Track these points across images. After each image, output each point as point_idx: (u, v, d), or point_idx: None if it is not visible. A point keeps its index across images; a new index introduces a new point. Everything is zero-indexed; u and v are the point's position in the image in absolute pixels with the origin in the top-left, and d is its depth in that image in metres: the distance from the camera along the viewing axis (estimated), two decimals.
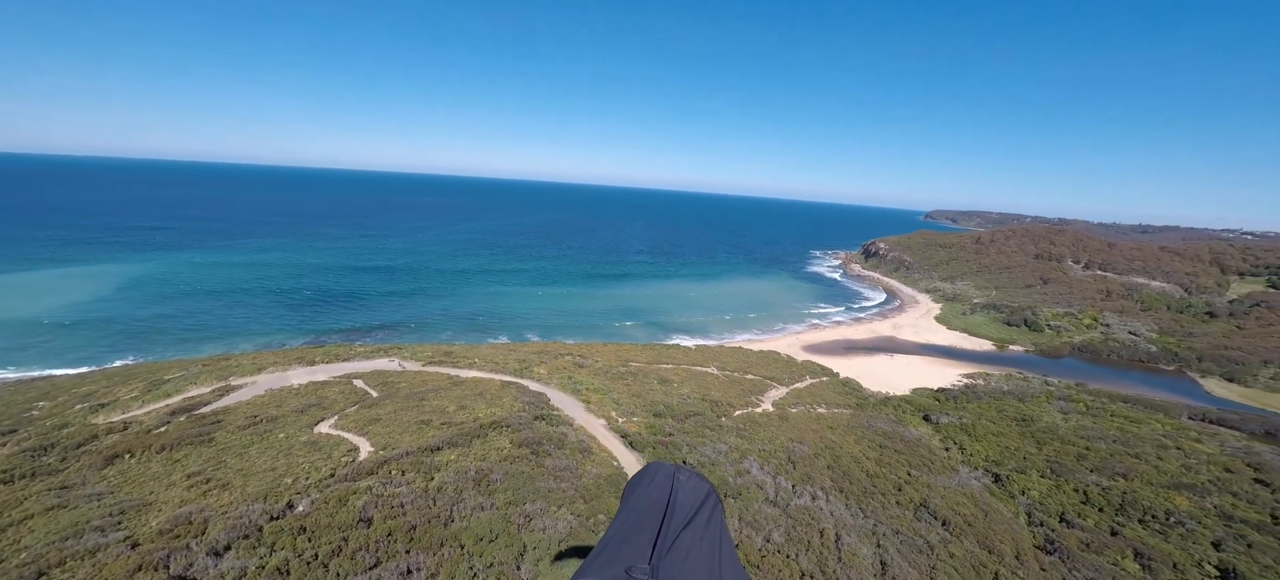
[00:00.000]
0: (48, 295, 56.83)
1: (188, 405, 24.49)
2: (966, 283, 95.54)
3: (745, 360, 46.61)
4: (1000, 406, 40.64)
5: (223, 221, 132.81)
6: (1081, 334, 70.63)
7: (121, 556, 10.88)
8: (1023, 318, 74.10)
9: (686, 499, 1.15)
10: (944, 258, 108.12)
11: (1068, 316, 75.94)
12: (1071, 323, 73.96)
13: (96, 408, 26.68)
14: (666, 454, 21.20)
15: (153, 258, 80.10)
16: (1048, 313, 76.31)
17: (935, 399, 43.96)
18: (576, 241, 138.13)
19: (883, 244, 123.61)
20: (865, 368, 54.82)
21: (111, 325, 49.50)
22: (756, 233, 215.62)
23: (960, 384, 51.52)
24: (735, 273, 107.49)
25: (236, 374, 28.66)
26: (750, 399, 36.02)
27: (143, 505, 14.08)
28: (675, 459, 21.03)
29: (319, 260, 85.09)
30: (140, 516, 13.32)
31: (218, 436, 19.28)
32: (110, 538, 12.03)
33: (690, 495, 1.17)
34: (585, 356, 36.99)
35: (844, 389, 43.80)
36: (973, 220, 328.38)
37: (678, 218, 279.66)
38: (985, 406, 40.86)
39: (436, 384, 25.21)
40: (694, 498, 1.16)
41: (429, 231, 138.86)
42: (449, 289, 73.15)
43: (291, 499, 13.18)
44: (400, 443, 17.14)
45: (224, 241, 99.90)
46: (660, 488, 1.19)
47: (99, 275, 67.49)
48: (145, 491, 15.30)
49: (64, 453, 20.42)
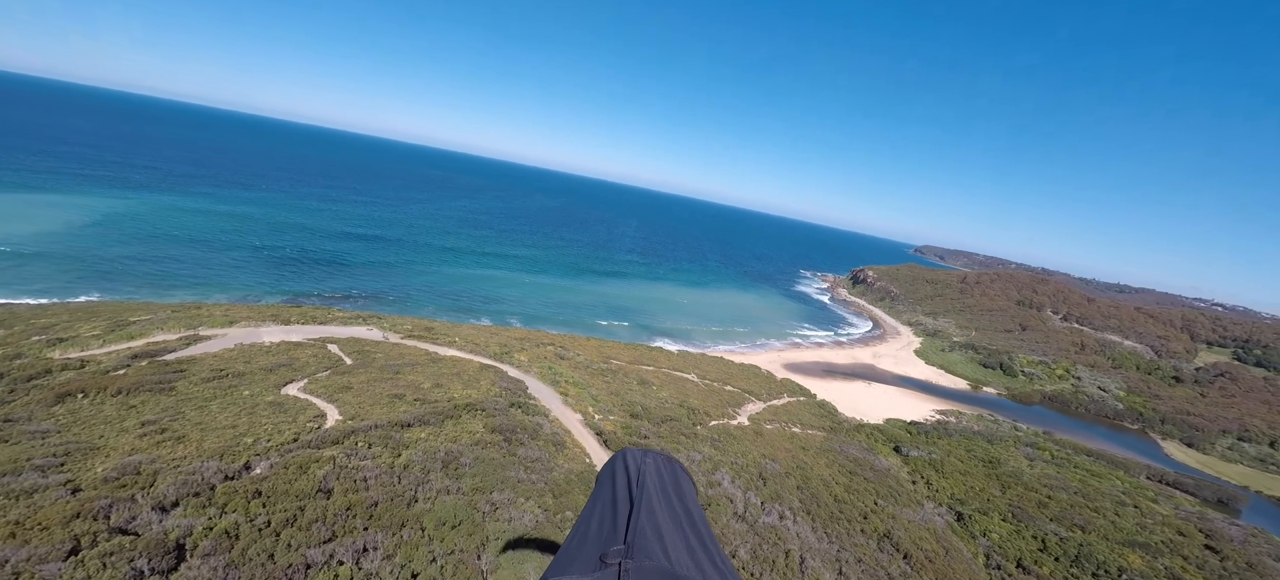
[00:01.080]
0: (15, 220, 54.72)
1: (151, 350, 23.60)
2: (949, 320, 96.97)
3: (726, 371, 46.61)
4: (969, 446, 41.15)
5: (211, 167, 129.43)
6: (1054, 384, 72.13)
7: (60, 501, 10.31)
8: (999, 361, 75.43)
9: (657, 480, 1.15)
10: (929, 293, 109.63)
11: (1042, 365, 77.52)
12: (1045, 371, 75.51)
13: (54, 342, 25.59)
14: None
15: (131, 196, 77.64)
16: (1023, 359, 77.78)
17: (908, 431, 44.41)
18: (569, 232, 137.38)
19: (871, 272, 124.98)
20: (842, 392, 55.26)
21: (79, 260, 47.79)
22: (748, 246, 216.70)
23: (933, 419, 52.19)
24: (724, 283, 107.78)
25: (207, 324, 27.75)
26: (727, 410, 35.97)
27: (90, 449, 13.44)
28: None
29: (305, 220, 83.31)
30: (86, 461, 12.70)
31: (180, 386, 18.57)
32: (50, 479, 11.43)
33: (661, 476, 1.17)
34: (568, 349, 36.62)
35: (820, 411, 44.01)
36: (960, 260, 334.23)
37: (672, 221, 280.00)
38: (955, 444, 41.36)
39: (414, 358, 24.66)
40: (665, 478, 1.17)
41: (422, 204, 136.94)
42: (436, 265, 72.08)
43: (249, 460, 12.68)
44: (370, 414, 16.65)
45: (209, 188, 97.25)
46: (631, 471, 1.18)
47: (72, 206, 65.16)
48: (95, 435, 14.63)
49: (13, 384, 19.51)
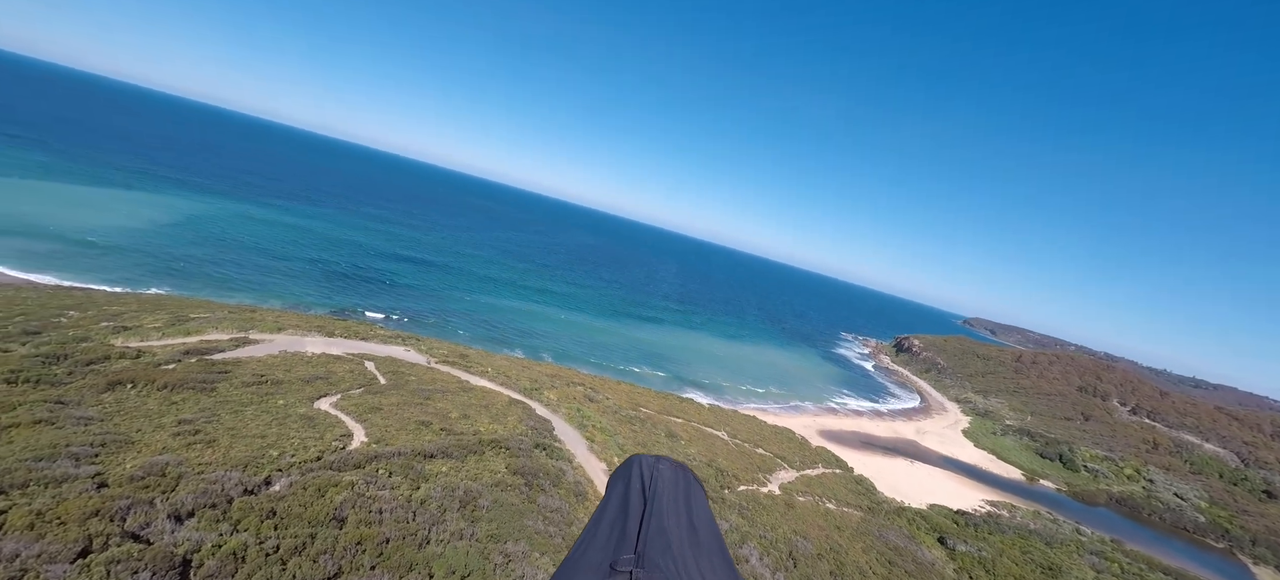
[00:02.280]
0: (103, 214, 59.66)
1: (203, 347, 24.46)
2: (1001, 401, 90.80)
3: (758, 432, 44.57)
4: (1025, 546, 37.36)
5: (282, 181, 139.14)
6: (1122, 484, 65.51)
7: (84, 494, 10.27)
8: (1058, 452, 69.44)
9: (667, 487, 1.13)
10: (980, 369, 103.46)
11: (1108, 461, 70.84)
12: (1111, 469, 68.86)
13: (119, 329, 26.97)
14: None
15: (207, 200, 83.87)
16: (1086, 452, 71.39)
17: (954, 521, 40.92)
18: (608, 273, 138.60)
19: (917, 341, 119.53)
20: (881, 468, 51.83)
21: (155, 255, 51.30)
22: (788, 302, 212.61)
23: (983, 509, 48.00)
24: (760, 338, 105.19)
25: (257, 328, 28.72)
26: (758, 476, 34.06)
27: (126, 442, 13.60)
28: None
29: (361, 238, 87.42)
30: (119, 454, 12.80)
31: (220, 388, 18.94)
32: (82, 469, 11.50)
33: (671, 484, 1.15)
34: (598, 391, 35.90)
35: (857, 487, 41.19)
36: (1013, 335, 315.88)
37: (712, 269, 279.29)
38: (1008, 542, 37.65)
39: (445, 385, 24.54)
40: (675, 486, 1.15)
41: (469, 232, 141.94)
42: (476, 292, 73.62)
43: (271, 475, 12.47)
44: (396, 440, 16.36)
45: (278, 200, 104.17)
46: (641, 479, 1.16)
47: (154, 205, 70.87)
48: (133, 427, 14.87)
49: (73, 367, 20.42)
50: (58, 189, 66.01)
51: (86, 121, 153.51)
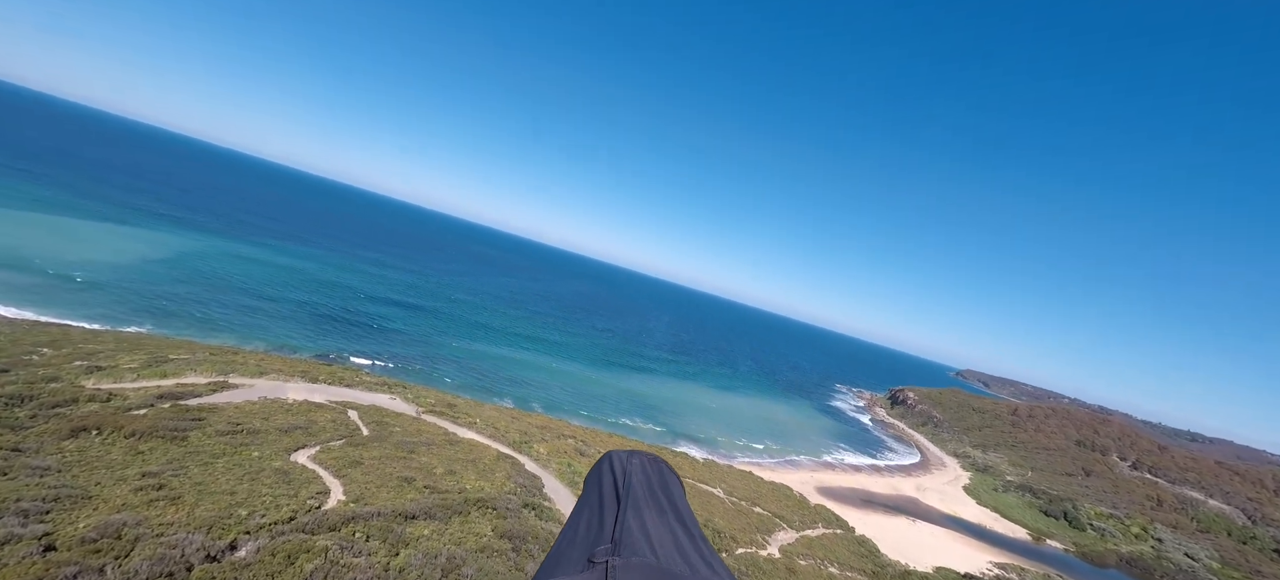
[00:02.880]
0: (91, 248, 58.79)
1: (179, 391, 23.36)
2: (1000, 455, 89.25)
3: (755, 489, 43.03)
4: None
5: (277, 220, 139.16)
6: (1130, 543, 63.58)
7: (27, 559, 9.26)
8: (1062, 509, 67.70)
9: (643, 479, 1.10)
10: (977, 423, 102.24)
11: (1113, 519, 69.05)
12: (1118, 527, 67.02)
13: (93, 369, 25.81)
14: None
15: (198, 237, 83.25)
16: (1091, 510, 69.66)
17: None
18: (602, 321, 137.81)
19: (912, 394, 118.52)
20: (883, 528, 50.04)
21: (140, 292, 50.17)
22: (781, 353, 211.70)
23: (990, 573, 46.23)
24: (754, 390, 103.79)
25: (238, 372, 27.65)
26: (756, 537, 32.57)
27: (82, 497, 12.54)
28: None
29: (353, 281, 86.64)
30: (73, 511, 11.75)
31: (192, 437, 17.86)
32: (29, 529, 10.46)
33: (647, 475, 1.12)
34: (589, 444, 34.66)
35: (859, 548, 39.53)
36: (1006, 388, 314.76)
37: (704, 319, 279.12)
38: None
39: (431, 437, 23.44)
40: (651, 477, 1.12)
41: (463, 277, 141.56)
42: (467, 339, 72.45)
43: (238, 538, 11.44)
44: (375, 498, 15.30)
45: (271, 240, 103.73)
46: (617, 472, 1.12)
47: (144, 240, 70.18)
48: (93, 480, 13.80)
49: (36, 410, 19.28)
50: (47, 221, 65.27)
51: (80, 153, 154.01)
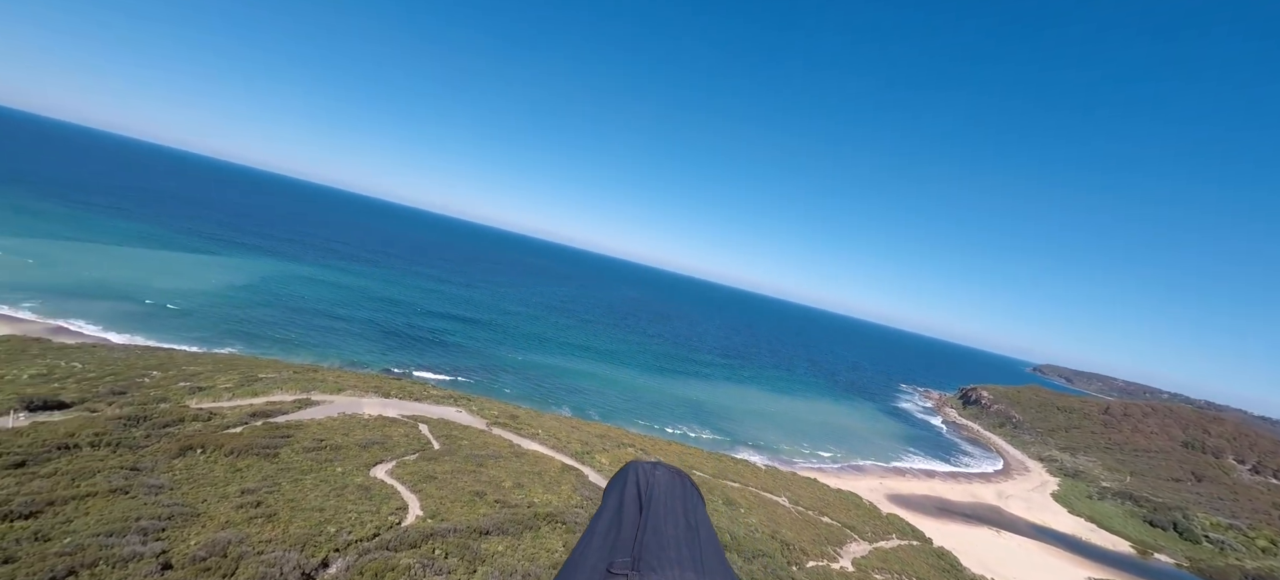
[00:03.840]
0: (183, 278, 64.63)
1: (269, 409, 25.01)
2: (1092, 459, 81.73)
3: (821, 497, 41.30)
4: None
5: (345, 243, 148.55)
6: (1256, 558, 56.33)
7: (148, 578, 9.94)
8: (1171, 519, 60.99)
9: (664, 492, 1.11)
10: (1063, 423, 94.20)
11: (1233, 530, 61.47)
12: (1240, 540, 59.59)
13: (195, 390, 28.14)
14: None
15: (276, 263, 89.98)
16: (1205, 519, 62.36)
17: None
18: (652, 327, 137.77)
19: (986, 392, 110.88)
20: (963, 539, 46.81)
21: (228, 316, 54.61)
22: (838, 353, 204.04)
23: None
24: (813, 392, 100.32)
25: (319, 389, 29.34)
26: (827, 549, 31.09)
27: (192, 515, 13.48)
28: None
29: (415, 298, 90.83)
30: (184, 529, 12.64)
31: (282, 453, 18.98)
32: (149, 547, 11.30)
33: (667, 488, 1.12)
34: (648, 453, 34.40)
35: (939, 562, 37.04)
36: (1093, 383, 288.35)
37: (755, 321, 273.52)
38: None
39: (498, 450, 23.90)
40: (672, 490, 1.12)
41: (513, 289, 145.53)
42: (523, 350, 74.21)
43: (329, 556, 11.91)
44: (450, 513, 15.63)
45: (340, 262, 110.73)
46: (638, 484, 1.14)
47: (229, 268, 76.73)
48: (199, 498, 14.84)
49: (150, 429, 21.09)
50: (146, 255, 72.62)
51: (153, 187, 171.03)
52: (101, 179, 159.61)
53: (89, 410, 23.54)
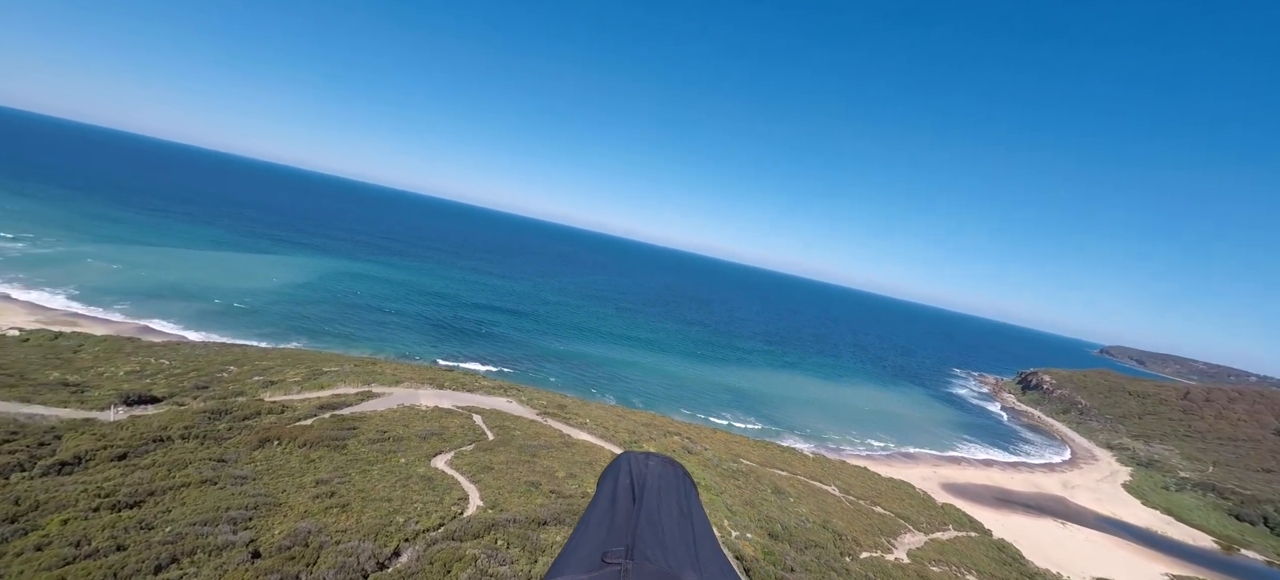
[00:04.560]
0: (248, 278, 68.85)
1: (334, 402, 26.44)
2: (1168, 447, 76.25)
3: (873, 486, 40.27)
4: None
5: (393, 239, 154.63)
6: None
7: (241, 566, 10.71)
8: (1262, 513, 56.35)
9: (657, 482, 1.14)
10: (1135, 409, 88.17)
11: None
12: None
13: (268, 384, 30.08)
14: None
15: (326, 261, 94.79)
16: None
17: None
18: (691, 313, 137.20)
19: (1047, 376, 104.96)
20: (1025, 530, 44.78)
21: (293, 314, 57.95)
22: (885, 336, 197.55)
23: None
24: (859, 378, 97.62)
25: (378, 381, 30.78)
26: (880, 540, 30.32)
27: (274, 505, 14.41)
28: None
29: (459, 291, 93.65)
30: (269, 518, 13.53)
31: (350, 445, 20.01)
32: (238, 536, 12.15)
33: (661, 479, 1.16)
34: (695, 441, 34.38)
35: (1000, 555, 35.56)
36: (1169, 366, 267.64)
37: (797, 304, 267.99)
38: None
39: (549, 440, 24.45)
40: (666, 480, 1.16)
41: (552, 278, 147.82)
42: (565, 339, 75.48)
43: (399, 545, 12.50)
44: (509, 504, 16.10)
45: (390, 257, 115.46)
46: (632, 474, 1.17)
47: (290, 267, 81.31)
48: (279, 488, 15.85)
49: (232, 422, 22.67)
50: (216, 257, 77.85)
51: (227, 196, 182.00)
52: (165, 186, 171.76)
53: (177, 404, 25.52)
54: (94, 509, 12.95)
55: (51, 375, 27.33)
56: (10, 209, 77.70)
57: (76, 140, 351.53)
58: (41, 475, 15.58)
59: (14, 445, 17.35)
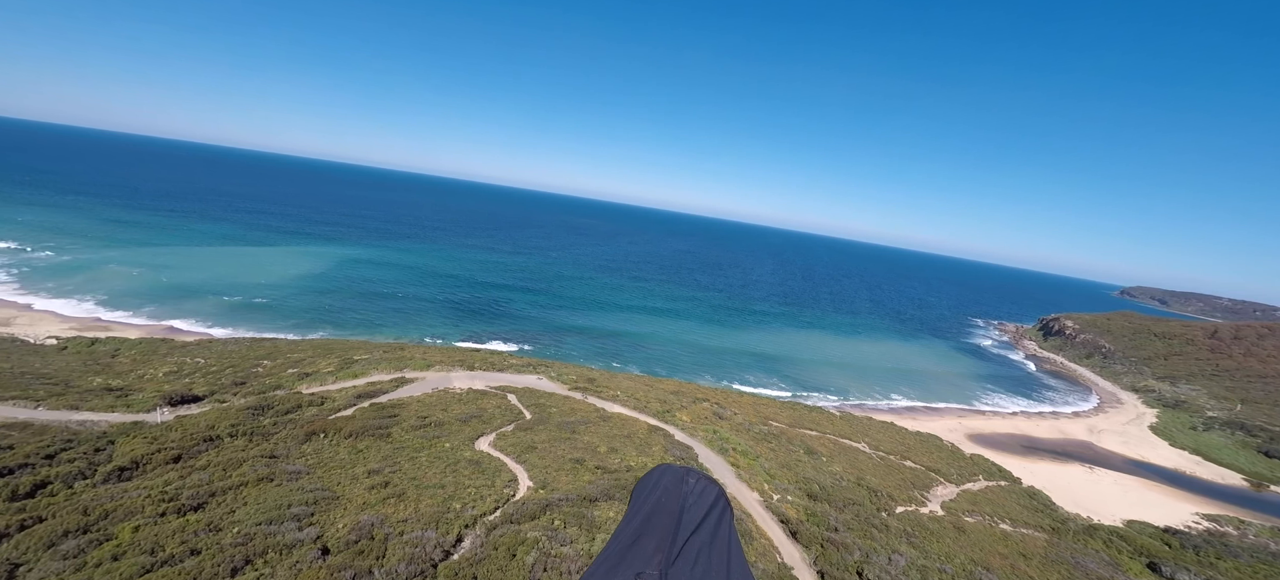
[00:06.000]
0: (266, 272, 69.43)
1: (371, 390, 26.83)
2: (1196, 387, 75.46)
3: (901, 441, 40.40)
4: (1272, 575, 29.86)
5: (400, 223, 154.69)
6: None
7: (314, 564, 10.94)
8: None
9: (697, 503, 1.13)
10: (1161, 350, 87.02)
11: None
12: None
13: (303, 375, 30.55)
14: (837, 557, 17.84)
15: (335, 248, 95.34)
16: None
17: (1164, 542, 34.02)
18: (705, 277, 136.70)
19: (1070, 322, 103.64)
20: (1054, 477, 44.89)
21: (310, 305, 58.56)
22: (902, 289, 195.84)
23: (1199, 526, 39.77)
24: (879, 333, 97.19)
25: (410, 366, 31.12)
26: (913, 493, 30.54)
27: (332, 498, 14.70)
28: (847, 567, 17.60)
29: (468, 271, 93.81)
30: (330, 512, 13.81)
31: (394, 433, 20.32)
32: (305, 533, 12.41)
33: (700, 500, 1.15)
34: (724, 406, 34.53)
35: (1030, 502, 35.73)
36: (1193, 304, 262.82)
37: (811, 263, 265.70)
38: (1246, 571, 30.32)
39: (585, 415, 24.65)
40: (704, 502, 1.15)
41: (563, 251, 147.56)
42: (583, 311, 75.72)
43: (460, 531, 12.70)
44: (558, 483, 16.30)
45: (400, 241, 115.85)
46: (670, 491, 1.16)
47: (298, 256, 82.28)
48: (333, 481, 16.16)
49: (276, 417, 23.10)
50: (231, 253, 78.56)
51: (231, 190, 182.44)
52: (174, 185, 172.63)
53: (219, 401, 26.05)
54: (161, 514, 13.29)
55: (94, 381, 27.98)
56: (31, 221, 78.70)
57: (85, 146, 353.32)
58: (103, 482, 16.03)
59: (72, 453, 17.84)
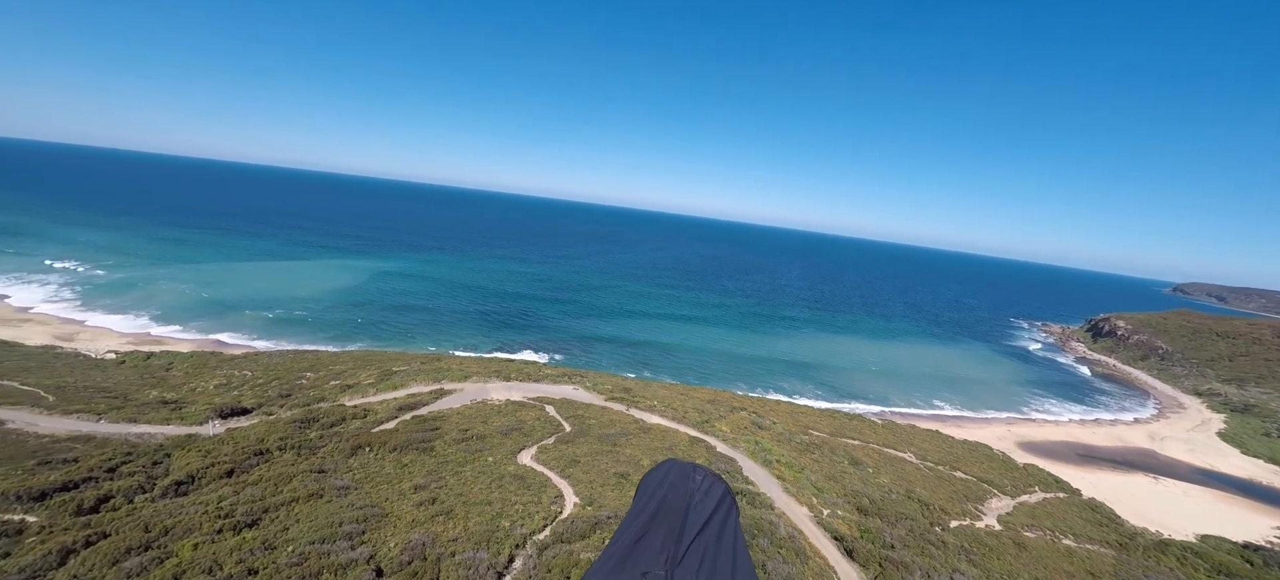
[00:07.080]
0: (303, 286, 71.44)
1: (411, 402, 27.02)
2: (1266, 390, 70.49)
3: (949, 451, 38.68)
4: None
5: (428, 235, 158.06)
6: None
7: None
8: None
9: (703, 501, 1.13)
10: (1225, 351, 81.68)
11: None
12: None
13: (345, 388, 31.05)
14: (898, 577, 16.90)
15: (368, 261, 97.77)
16: None
17: (1245, 558, 31.49)
18: (730, 282, 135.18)
19: (1122, 322, 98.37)
20: (1115, 488, 42.32)
21: (347, 318, 59.96)
22: (936, 290, 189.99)
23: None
24: (916, 337, 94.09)
25: (448, 378, 31.32)
26: (967, 507, 29.04)
27: (381, 515, 14.64)
28: None
29: (497, 282, 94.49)
30: (380, 530, 13.73)
31: (437, 447, 20.30)
32: (358, 553, 12.31)
33: (707, 497, 1.15)
34: (762, 415, 33.65)
35: (1093, 515, 33.62)
36: (1254, 300, 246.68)
37: (839, 266, 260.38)
38: None
39: (625, 427, 24.26)
40: (711, 500, 1.14)
41: (592, 258, 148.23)
42: (613, 319, 75.60)
43: (512, 552, 12.41)
44: (605, 499, 15.92)
45: (430, 254, 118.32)
46: (677, 488, 1.16)
47: (332, 270, 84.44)
48: (381, 497, 16.13)
49: (321, 430, 23.41)
50: (272, 268, 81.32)
51: (272, 208, 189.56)
52: (217, 204, 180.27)
53: (267, 414, 26.62)
54: (217, 531, 13.40)
55: (151, 394, 29.00)
56: (89, 241, 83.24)
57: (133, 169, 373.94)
58: (161, 496, 16.36)
59: (131, 466, 18.32)
